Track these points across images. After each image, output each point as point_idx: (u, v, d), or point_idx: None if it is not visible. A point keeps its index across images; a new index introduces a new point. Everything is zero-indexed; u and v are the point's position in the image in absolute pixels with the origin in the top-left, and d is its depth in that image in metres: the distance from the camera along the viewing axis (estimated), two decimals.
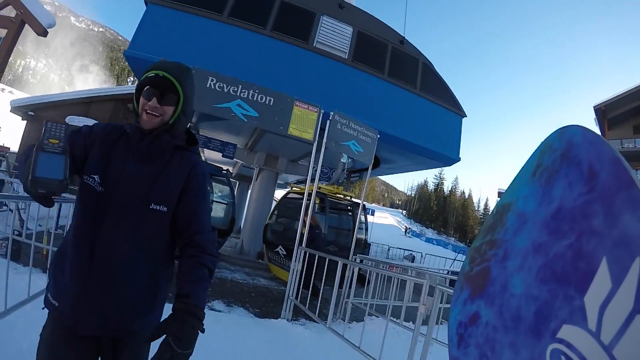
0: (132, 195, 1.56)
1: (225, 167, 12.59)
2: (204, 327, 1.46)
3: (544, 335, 0.76)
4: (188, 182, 1.67)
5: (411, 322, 6.76)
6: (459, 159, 12.26)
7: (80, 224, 1.56)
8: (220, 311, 6.21)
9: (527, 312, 0.82)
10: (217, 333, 4.73)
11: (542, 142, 0.99)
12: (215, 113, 6.42)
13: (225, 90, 6.40)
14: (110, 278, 1.53)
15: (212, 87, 6.33)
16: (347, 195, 11.56)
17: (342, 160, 9.90)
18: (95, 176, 1.56)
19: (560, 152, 0.87)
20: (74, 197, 1.75)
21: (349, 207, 12.22)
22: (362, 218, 11.68)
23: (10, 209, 6.27)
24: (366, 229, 12.45)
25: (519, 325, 0.84)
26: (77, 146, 1.57)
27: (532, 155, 1.02)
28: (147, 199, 1.57)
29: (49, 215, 6.11)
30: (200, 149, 13.65)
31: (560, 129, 0.91)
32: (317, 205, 10.22)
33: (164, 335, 1.37)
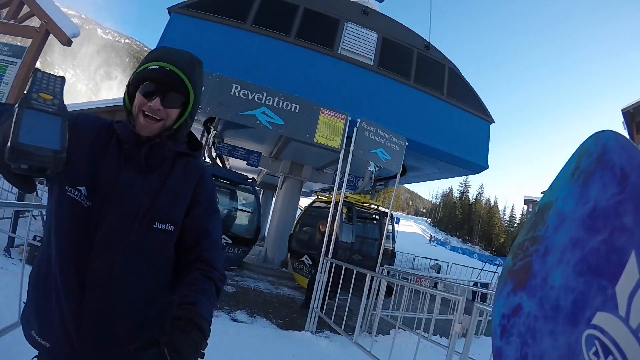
0: (130, 213, 1.28)
1: (250, 176, 12.57)
2: (205, 347, 1.11)
3: (580, 322, 0.82)
4: (196, 193, 1.44)
5: (438, 335, 6.54)
6: (487, 166, 11.94)
7: (63, 247, 1.25)
8: (242, 322, 6.13)
9: (565, 302, 0.88)
10: (240, 345, 4.61)
11: (579, 146, 1.04)
12: (240, 121, 6.36)
13: (250, 98, 6.33)
14: (107, 315, 1.26)
15: (237, 94, 6.27)
16: (374, 204, 11.37)
17: (369, 169, 9.75)
18: (81, 188, 1.25)
19: (596, 156, 0.92)
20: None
21: (375, 216, 12.02)
22: (390, 227, 11.47)
23: (33, 215, 6.25)
24: (394, 239, 12.21)
25: (558, 315, 0.90)
26: None
27: (570, 158, 1.07)
28: (149, 217, 1.30)
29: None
30: (224, 157, 13.82)
31: (595, 133, 0.97)
32: (344, 215, 10.07)
33: (157, 346, 1.03)
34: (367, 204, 11.04)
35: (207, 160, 12.43)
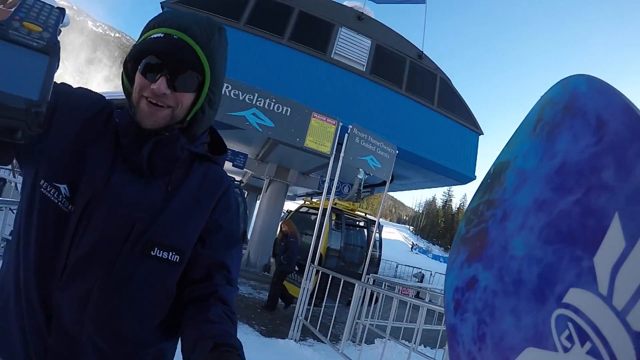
0: (120, 229, 0.94)
1: (238, 178, 12.43)
2: None
3: (549, 300, 0.69)
4: (216, 214, 1.08)
5: (422, 345, 6.48)
6: (474, 177, 12.03)
7: (28, 263, 0.93)
8: None
9: (529, 275, 0.75)
10: None
11: (542, 96, 0.90)
12: (230, 121, 6.21)
13: (241, 98, 6.19)
14: None
15: (227, 94, 6.11)
16: (362, 212, 11.31)
17: (359, 176, 9.68)
18: (61, 185, 0.93)
19: (563, 105, 0.80)
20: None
21: (362, 224, 11.96)
22: (377, 236, 11.45)
23: (10, 209, 5.96)
24: (380, 247, 12.16)
25: (521, 290, 0.77)
26: None
27: (531, 110, 0.93)
28: (147, 239, 0.96)
29: None
30: None
31: (563, 79, 0.83)
32: (332, 221, 9.99)
33: None
34: (355, 212, 10.98)
35: None
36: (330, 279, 5.91)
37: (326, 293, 5.82)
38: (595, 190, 0.64)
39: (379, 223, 9.58)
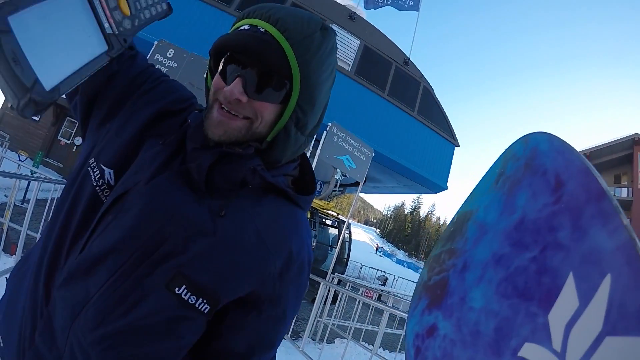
0: (146, 242, 0.73)
1: None
2: None
3: (505, 353, 0.70)
4: (274, 277, 0.81)
5: (381, 347, 6.53)
6: (446, 188, 12.23)
7: (45, 244, 0.82)
8: None
9: (486, 327, 0.76)
10: None
11: (505, 150, 0.92)
12: None
13: None
14: None
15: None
16: (334, 212, 11.34)
17: (336, 176, 9.66)
18: (107, 170, 0.80)
19: (524, 161, 0.81)
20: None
21: (333, 224, 11.98)
22: (347, 236, 11.52)
23: None
24: (349, 248, 12.21)
25: (478, 341, 0.77)
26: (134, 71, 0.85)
27: (494, 163, 0.95)
28: (175, 269, 0.73)
29: (18, 187, 5.34)
30: None
31: (524, 136, 0.85)
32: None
33: None
34: (328, 210, 10.99)
35: None
36: None
37: None
38: (552, 248, 0.65)
39: (349, 224, 9.64)
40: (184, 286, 0.73)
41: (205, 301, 0.74)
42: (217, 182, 0.79)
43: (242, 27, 0.77)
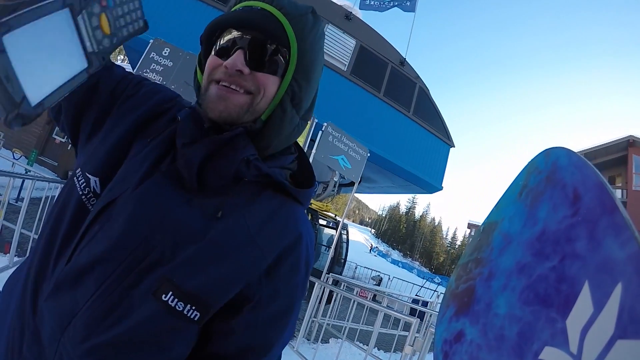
0: (133, 252, 0.70)
1: None
2: None
3: (527, 356, 0.74)
4: (275, 275, 0.78)
5: (376, 347, 6.53)
6: (441, 188, 12.25)
7: (34, 255, 0.80)
8: None
9: (510, 332, 0.80)
10: None
11: (528, 163, 0.96)
12: None
13: None
14: None
15: None
16: (331, 214, 11.35)
17: (334, 178, 9.66)
18: (93, 178, 0.77)
19: (546, 174, 0.85)
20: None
21: (328, 224, 11.99)
22: (344, 237, 11.53)
23: None
24: (347, 249, 12.21)
25: (502, 345, 0.82)
26: (109, 83, 0.82)
27: (518, 175, 1.00)
28: (161, 276, 0.70)
29: (12, 185, 5.16)
30: None
31: (545, 150, 0.89)
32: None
33: None
34: (327, 212, 11.01)
35: None
36: None
37: None
38: (569, 258, 0.69)
39: (346, 225, 9.65)
40: (170, 292, 0.70)
41: (194, 308, 0.71)
42: (210, 178, 0.76)
43: (238, 8, 0.77)
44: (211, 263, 0.72)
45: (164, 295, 0.69)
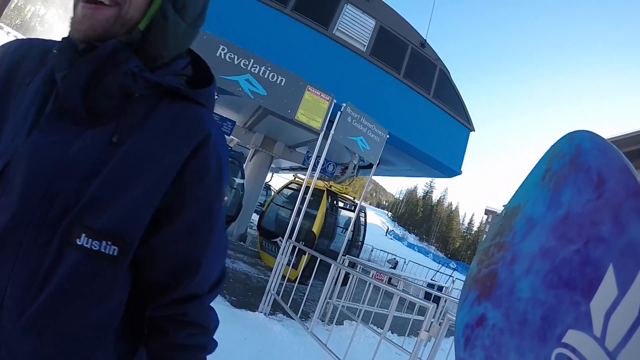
0: (39, 207, 0.66)
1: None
2: None
3: (550, 340, 0.75)
4: (185, 180, 0.74)
5: (390, 331, 6.54)
6: (460, 172, 12.05)
7: None
8: None
9: (533, 316, 0.82)
10: None
11: (551, 146, 0.97)
12: (222, 85, 6.01)
13: (236, 63, 5.97)
14: None
15: (222, 56, 5.89)
16: (351, 196, 11.29)
17: (354, 161, 9.57)
18: None
19: (569, 158, 0.86)
20: None
21: (346, 206, 11.95)
22: (362, 220, 11.48)
23: None
24: (364, 232, 12.15)
25: (525, 329, 0.83)
26: None
27: (541, 159, 1.01)
28: (70, 221, 0.67)
29: None
30: None
31: (569, 133, 0.90)
32: (327, 203, 9.93)
33: None
34: (345, 194, 10.94)
35: None
36: (318, 261, 5.83)
37: (314, 273, 5.75)
38: (594, 242, 0.70)
39: (363, 207, 9.59)
40: (83, 234, 0.67)
41: (109, 243, 0.68)
42: (99, 103, 0.70)
43: None
44: (116, 193, 0.68)
45: (78, 240, 0.66)
